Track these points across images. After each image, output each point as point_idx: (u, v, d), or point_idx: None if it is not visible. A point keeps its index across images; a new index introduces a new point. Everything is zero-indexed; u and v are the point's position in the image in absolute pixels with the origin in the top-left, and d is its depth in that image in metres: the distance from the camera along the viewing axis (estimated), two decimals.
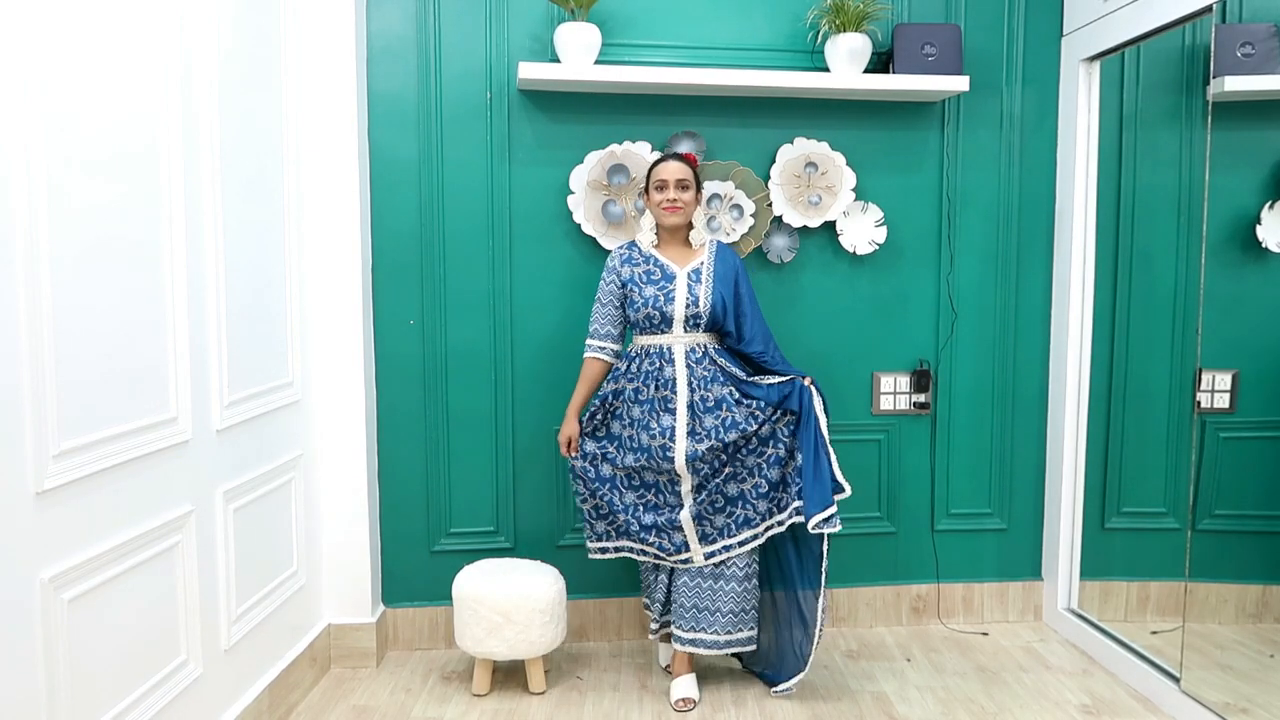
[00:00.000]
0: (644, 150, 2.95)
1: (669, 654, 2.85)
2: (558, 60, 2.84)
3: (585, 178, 2.93)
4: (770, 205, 3.01)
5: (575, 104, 2.96)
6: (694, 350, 2.61)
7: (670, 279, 2.62)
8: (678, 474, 2.59)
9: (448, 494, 3.03)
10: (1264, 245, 2.57)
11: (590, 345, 2.70)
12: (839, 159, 3.02)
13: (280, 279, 2.57)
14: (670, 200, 2.60)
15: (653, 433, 2.57)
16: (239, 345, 2.29)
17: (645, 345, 2.64)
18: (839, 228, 3.04)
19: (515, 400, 3.02)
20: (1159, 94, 2.87)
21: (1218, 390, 2.65)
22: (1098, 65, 2.97)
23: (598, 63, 2.85)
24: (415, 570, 3.03)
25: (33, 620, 1.57)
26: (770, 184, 3.01)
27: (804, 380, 2.60)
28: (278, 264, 2.56)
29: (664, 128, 2.99)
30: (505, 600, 2.63)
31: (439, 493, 3.03)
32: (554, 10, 2.90)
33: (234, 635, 2.27)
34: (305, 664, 2.69)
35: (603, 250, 2.97)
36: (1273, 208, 2.55)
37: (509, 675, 2.82)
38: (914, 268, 3.14)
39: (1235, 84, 2.44)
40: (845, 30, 2.85)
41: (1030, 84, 3.13)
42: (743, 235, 3.01)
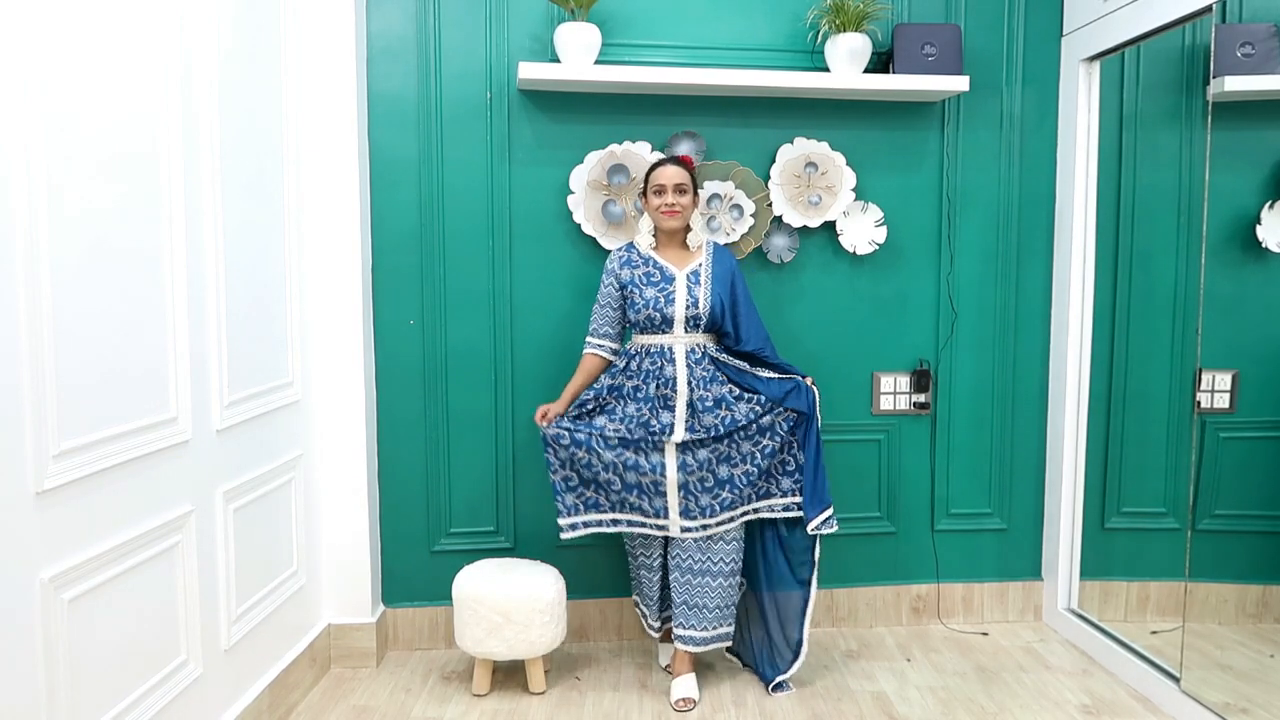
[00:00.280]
0: (644, 150, 2.95)
1: (669, 654, 2.86)
2: (558, 60, 2.84)
3: (585, 178, 2.93)
4: (770, 205, 3.01)
5: (575, 104, 2.96)
6: (694, 350, 2.62)
7: (670, 281, 2.63)
8: (664, 444, 2.58)
9: (448, 494, 3.03)
10: (1264, 245, 2.57)
11: (590, 342, 2.72)
12: (839, 159, 3.02)
13: (280, 279, 2.58)
14: (669, 205, 2.61)
15: (651, 428, 2.57)
16: (239, 345, 2.29)
17: (645, 345, 2.65)
18: (839, 228, 3.04)
19: (515, 400, 3.02)
20: (1159, 94, 2.87)
21: (1218, 390, 2.66)
22: (1098, 65, 2.97)
23: (598, 63, 2.85)
24: (415, 570, 3.03)
25: (33, 620, 1.57)
26: (770, 184, 3.01)
27: (806, 380, 2.62)
28: (278, 264, 2.56)
29: (664, 128, 2.99)
30: (505, 600, 2.64)
31: (439, 493, 3.03)
32: (554, 10, 2.90)
33: (234, 635, 2.28)
34: (305, 664, 2.69)
35: (603, 250, 2.97)
36: (1273, 208, 2.55)
37: (509, 675, 2.82)
38: (914, 268, 3.14)
39: (1235, 84, 2.44)
40: (845, 30, 2.85)
41: (1030, 84, 3.13)
42: (743, 235, 3.01)
